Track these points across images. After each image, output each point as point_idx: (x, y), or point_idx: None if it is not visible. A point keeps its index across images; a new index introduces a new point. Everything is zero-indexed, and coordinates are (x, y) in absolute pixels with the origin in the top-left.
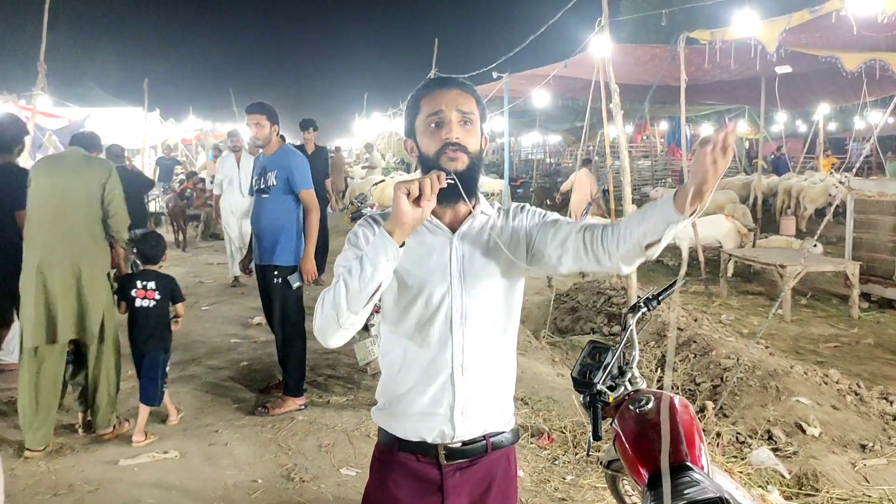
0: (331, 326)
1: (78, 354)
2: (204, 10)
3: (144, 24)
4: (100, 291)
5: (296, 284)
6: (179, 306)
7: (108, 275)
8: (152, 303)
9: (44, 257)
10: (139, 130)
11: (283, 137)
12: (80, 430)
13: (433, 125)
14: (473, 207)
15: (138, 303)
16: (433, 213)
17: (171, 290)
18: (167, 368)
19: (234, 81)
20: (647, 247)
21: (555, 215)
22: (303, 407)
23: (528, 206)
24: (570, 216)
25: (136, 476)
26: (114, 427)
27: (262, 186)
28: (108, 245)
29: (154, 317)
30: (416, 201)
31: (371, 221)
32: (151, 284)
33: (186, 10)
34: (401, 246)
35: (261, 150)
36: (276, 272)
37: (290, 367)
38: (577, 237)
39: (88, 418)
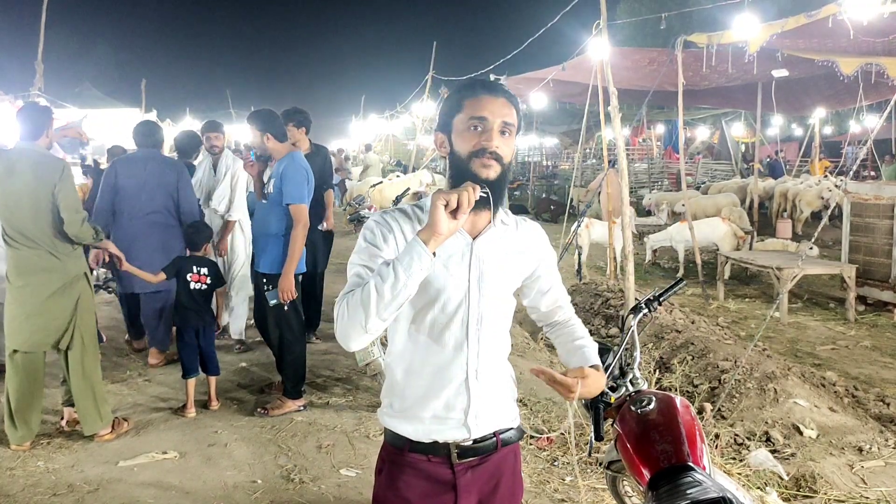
0: (356, 331)
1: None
2: (201, 12)
3: (142, 26)
4: (65, 300)
5: (272, 302)
6: (219, 291)
7: (86, 275)
8: (204, 286)
9: (9, 266)
10: None
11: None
12: (64, 426)
13: (473, 127)
14: (494, 216)
15: (193, 285)
16: None
17: (217, 276)
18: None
19: (230, 83)
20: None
21: (555, 274)
22: (302, 408)
23: (545, 236)
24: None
25: (135, 476)
26: (113, 427)
27: (264, 192)
28: (81, 249)
29: (205, 298)
30: (453, 213)
31: (387, 219)
32: (205, 270)
33: (184, 12)
34: (433, 255)
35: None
36: (265, 279)
37: (288, 370)
38: (549, 314)
39: (75, 415)
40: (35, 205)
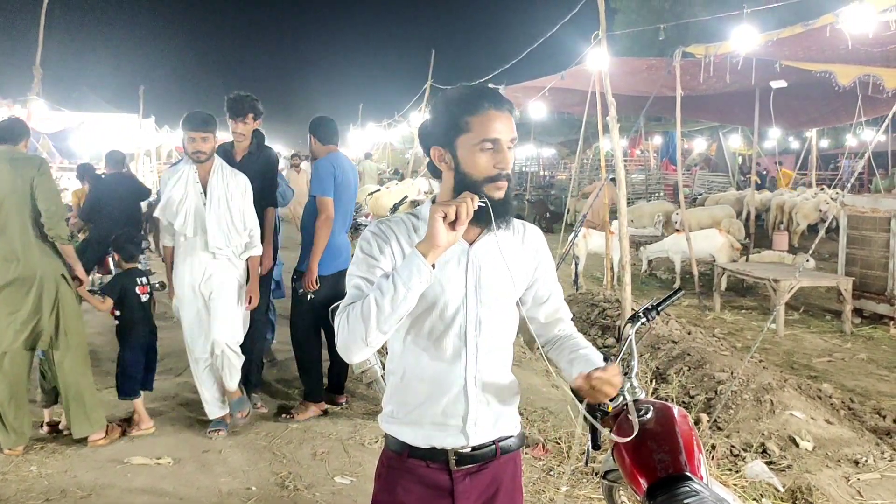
0: (357, 343)
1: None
2: (200, 19)
3: (140, 32)
4: (44, 298)
5: (300, 291)
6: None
7: (64, 276)
8: (148, 296)
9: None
10: (134, 137)
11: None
12: (42, 429)
13: (486, 149)
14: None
15: (143, 298)
16: None
17: (149, 280)
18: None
19: (228, 90)
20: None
21: (554, 283)
22: (323, 413)
23: (544, 241)
24: (588, 215)
25: (128, 482)
26: (106, 432)
27: None
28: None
29: (150, 309)
30: (451, 224)
31: (383, 229)
32: (145, 279)
33: (182, 19)
34: (432, 267)
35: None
36: (294, 276)
37: (301, 373)
38: (549, 327)
39: (55, 419)
40: (14, 203)
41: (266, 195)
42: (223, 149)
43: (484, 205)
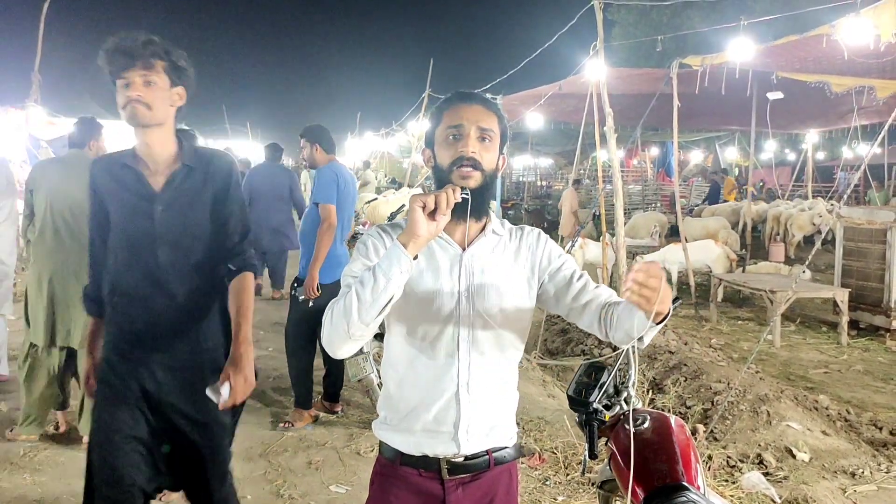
0: (340, 337)
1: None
2: (197, 26)
3: None
4: None
5: (300, 297)
6: None
7: None
8: None
9: (55, 268)
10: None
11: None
12: (59, 429)
13: (451, 137)
14: (484, 226)
15: None
16: (444, 228)
17: None
18: None
19: (226, 98)
20: (639, 339)
21: (574, 265)
22: (315, 418)
23: (545, 237)
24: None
25: None
26: None
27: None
28: None
29: None
30: (432, 215)
31: (381, 232)
32: None
33: (180, 27)
34: (414, 258)
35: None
36: (295, 283)
37: (293, 380)
38: (598, 310)
39: (67, 419)
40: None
41: (233, 253)
42: (109, 163)
43: (467, 196)
